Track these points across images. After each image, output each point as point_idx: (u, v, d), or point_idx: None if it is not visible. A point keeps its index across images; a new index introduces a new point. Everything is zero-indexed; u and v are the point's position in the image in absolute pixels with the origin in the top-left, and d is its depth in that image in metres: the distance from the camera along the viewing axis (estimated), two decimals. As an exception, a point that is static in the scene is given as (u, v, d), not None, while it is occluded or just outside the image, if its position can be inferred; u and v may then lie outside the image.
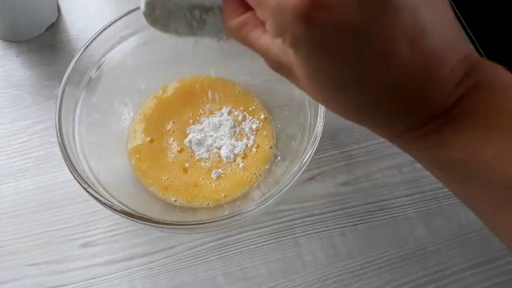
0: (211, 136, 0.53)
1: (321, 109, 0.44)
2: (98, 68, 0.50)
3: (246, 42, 0.26)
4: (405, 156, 0.55)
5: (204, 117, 0.55)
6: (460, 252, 0.51)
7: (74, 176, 0.41)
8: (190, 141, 0.53)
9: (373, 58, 0.21)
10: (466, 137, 0.23)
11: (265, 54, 0.26)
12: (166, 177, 0.51)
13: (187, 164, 0.52)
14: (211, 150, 0.53)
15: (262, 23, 0.25)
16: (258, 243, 0.51)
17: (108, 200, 0.41)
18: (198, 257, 0.50)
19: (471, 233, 0.52)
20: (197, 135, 0.53)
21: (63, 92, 0.45)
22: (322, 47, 0.21)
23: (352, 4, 0.19)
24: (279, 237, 0.51)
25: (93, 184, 0.43)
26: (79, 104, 0.48)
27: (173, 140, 0.53)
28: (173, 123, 0.54)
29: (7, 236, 0.51)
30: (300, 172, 0.42)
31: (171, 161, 0.52)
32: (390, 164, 0.55)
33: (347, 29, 0.20)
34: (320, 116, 0.44)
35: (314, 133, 0.44)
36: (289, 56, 0.24)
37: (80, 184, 0.41)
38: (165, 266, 0.50)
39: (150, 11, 0.29)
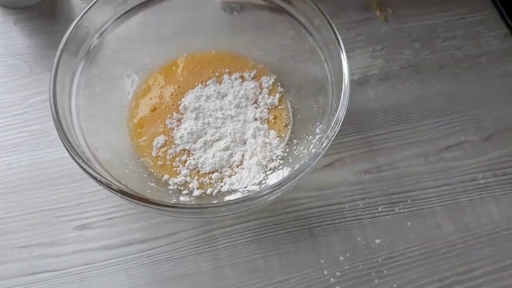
0: (214, 106, 0.49)
1: (345, 91, 0.40)
2: (99, 37, 0.46)
3: None
4: (432, 144, 0.51)
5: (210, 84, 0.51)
6: (492, 252, 0.46)
7: (67, 149, 0.38)
8: (185, 107, 0.48)
9: None
10: None
11: None
12: (169, 157, 0.47)
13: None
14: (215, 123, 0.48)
15: None
16: (269, 232, 0.46)
17: (105, 178, 0.37)
18: (204, 245, 0.46)
19: (505, 230, 0.47)
20: (195, 102, 0.48)
21: (58, 60, 0.41)
22: None
23: None
24: (293, 227, 0.46)
25: (89, 161, 0.39)
26: (77, 75, 0.44)
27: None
28: (178, 87, 0.50)
29: (-3, 215, 0.47)
30: (318, 158, 0.38)
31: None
32: (416, 153, 0.50)
33: None
34: (343, 99, 0.40)
35: (335, 117, 0.39)
36: None
37: (74, 159, 0.37)
38: (167, 254, 0.45)
39: None
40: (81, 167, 0.36)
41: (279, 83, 0.51)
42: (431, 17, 0.57)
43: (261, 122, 0.48)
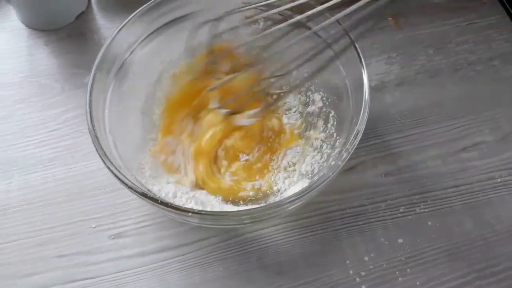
0: None
1: (365, 106, 0.41)
2: (129, 55, 0.48)
3: None
4: (449, 146, 0.52)
5: None
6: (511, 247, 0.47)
7: (104, 163, 0.40)
8: None
9: None
10: None
11: None
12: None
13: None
14: None
15: None
16: (296, 235, 0.48)
17: (139, 187, 0.39)
18: (233, 250, 0.48)
19: (523, 227, 0.48)
20: None
21: (93, 78, 0.44)
22: None
23: None
24: (318, 229, 0.48)
25: (125, 173, 0.41)
26: (109, 92, 0.46)
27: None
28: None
29: (36, 227, 0.49)
30: (338, 170, 0.40)
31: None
32: (434, 154, 0.52)
33: None
34: (363, 114, 0.41)
35: (355, 131, 0.41)
36: None
37: (111, 171, 0.39)
38: (198, 259, 0.47)
39: None
40: (119, 179, 0.39)
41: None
42: (442, 23, 0.59)
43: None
